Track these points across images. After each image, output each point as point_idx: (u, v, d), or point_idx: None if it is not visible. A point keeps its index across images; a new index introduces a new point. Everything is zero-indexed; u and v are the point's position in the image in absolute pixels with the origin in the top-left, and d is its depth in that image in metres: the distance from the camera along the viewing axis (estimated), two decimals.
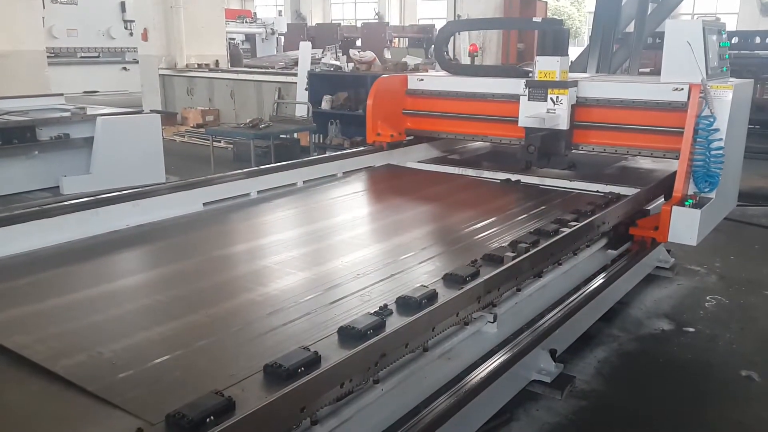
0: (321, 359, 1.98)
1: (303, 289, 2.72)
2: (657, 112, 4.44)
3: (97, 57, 16.14)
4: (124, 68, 16.17)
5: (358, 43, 16.29)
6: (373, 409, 2.22)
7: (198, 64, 12.89)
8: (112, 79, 15.77)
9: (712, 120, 4.00)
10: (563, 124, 4.63)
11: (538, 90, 4.68)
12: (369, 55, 9.78)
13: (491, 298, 2.72)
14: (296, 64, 11.01)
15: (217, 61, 13.12)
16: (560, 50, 4.63)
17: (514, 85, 4.82)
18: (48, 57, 11.45)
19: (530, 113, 4.68)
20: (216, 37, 13.51)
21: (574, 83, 4.67)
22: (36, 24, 10.82)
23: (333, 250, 3.30)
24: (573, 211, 3.76)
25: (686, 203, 3.91)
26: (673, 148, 4.26)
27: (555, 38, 4.64)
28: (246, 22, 19.14)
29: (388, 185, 4.84)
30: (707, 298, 4.65)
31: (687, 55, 4.22)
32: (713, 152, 4.02)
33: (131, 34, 15.88)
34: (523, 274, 2.94)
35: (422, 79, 5.55)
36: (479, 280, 2.61)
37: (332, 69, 10.00)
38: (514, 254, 2.89)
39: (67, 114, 7.26)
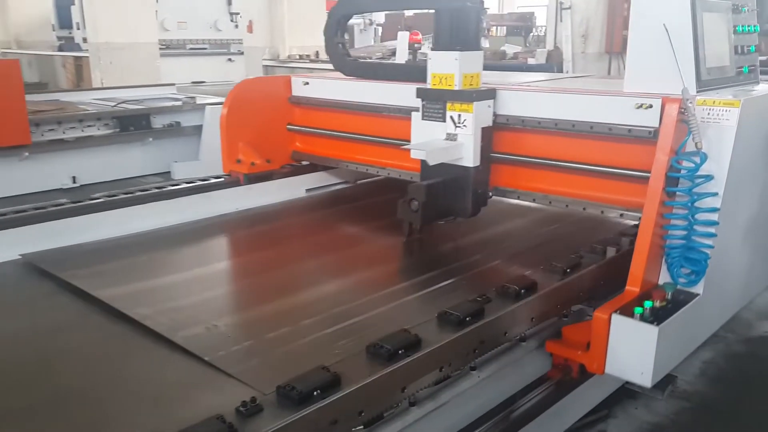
0: (421, 342, 2.02)
1: (404, 274, 2.79)
2: (613, 143, 2.82)
3: (205, 49, 16.86)
4: (230, 59, 16.78)
5: None
6: (470, 395, 2.24)
7: (299, 55, 13.22)
8: (218, 70, 16.39)
9: (699, 161, 2.44)
10: (468, 159, 3.03)
11: (434, 104, 3.11)
12: None
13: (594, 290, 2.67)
14: (393, 54, 11.08)
15: (317, 52, 13.41)
16: (462, 41, 3.00)
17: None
18: (159, 48, 12.08)
19: (424, 138, 3.14)
20: (317, 29, 13.73)
21: (490, 93, 3.07)
22: (150, 17, 11.43)
23: (435, 236, 3.34)
24: None
25: (637, 310, 2.29)
26: (635, 203, 2.73)
27: (452, 23, 3.02)
28: None
29: None
30: None
31: (661, 47, 2.69)
32: (700, 216, 2.47)
33: (236, 26, 16.46)
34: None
35: (308, 83, 4.09)
36: (583, 270, 2.59)
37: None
38: (617, 247, 2.84)
39: (179, 103, 7.66)
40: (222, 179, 3.93)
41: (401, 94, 3.41)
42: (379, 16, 19.03)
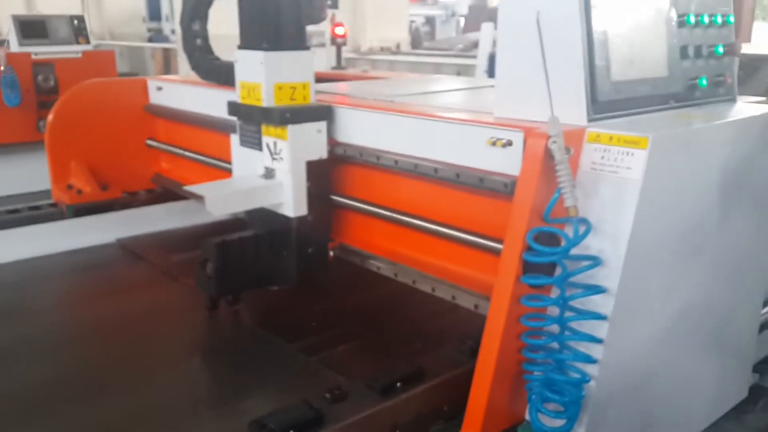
0: None
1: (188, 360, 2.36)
2: (469, 195, 2.04)
3: None
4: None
5: None
6: None
7: (380, 47, 13.27)
8: None
9: (573, 235, 1.58)
10: (288, 205, 2.28)
11: (249, 125, 2.35)
12: None
13: None
14: (475, 46, 10.96)
15: (398, 44, 13.42)
16: (271, 36, 2.19)
17: None
18: None
19: (245, 171, 2.41)
20: (399, 20, 13.82)
21: (318, 112, 2.28)
22: (234, 9, 11.70)
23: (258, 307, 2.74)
24: None
25: None
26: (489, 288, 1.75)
27: (256, 6, 2.24)
28: (427, 4, 19.34)
29: None
30: None
31: (529, 53, 1.76)
32: (576, 326, 1.63)
33: None
34: None
35: (161, 88, 3.31)
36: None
37: None
38: None
39: None
40: (55, 209, 3.35)
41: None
42: (462, 7, 18.85)
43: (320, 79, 2.95)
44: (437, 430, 1.80)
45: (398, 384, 1.80)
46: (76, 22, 6.09)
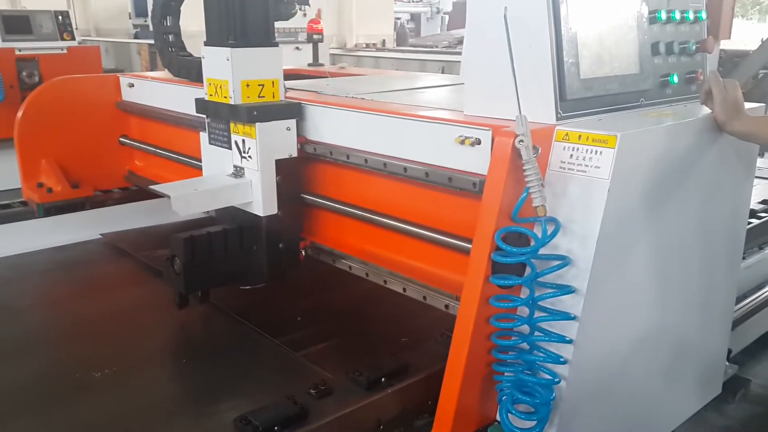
0: None
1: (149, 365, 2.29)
2: (440, 194, 2.01)
3: None
4: (297, 48, 16.94)
5: None
6: None
7: (366, 44, 13.26)
8: (286, 59, 16.52)
9: (542, 235, 1.58)
10: (258, 204, 2.26)
11: (217, 123, 2.34)
12: None
13: None
14: (460, 43, 11.01)
15: (384, 40, 13.43)
16: (239, 31, 2.19)
17: None
18: None
19: (215, 170, 2.39)
20: (384, 17, 13.82)
21: (287, 110, 2.26)
22: None
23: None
24: None
25: None
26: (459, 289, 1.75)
27: (220, 2, 2.21)
28: (412, 1, 19.34)
29: None
30: None
31: (497, 50, 1.71)
32: (546, 326, 1.63)
33: (304, 14, 16.61)
34: None
35: (132, 84, 3.28)
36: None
37: None
38: None
39: None
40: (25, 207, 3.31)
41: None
42: (447, 4, 18.87)
43: (294, 75, 3.03)
44: (422, 425, 1.83)
45: (383, 379, 1.83)
46: (60, 17, 6.05)
